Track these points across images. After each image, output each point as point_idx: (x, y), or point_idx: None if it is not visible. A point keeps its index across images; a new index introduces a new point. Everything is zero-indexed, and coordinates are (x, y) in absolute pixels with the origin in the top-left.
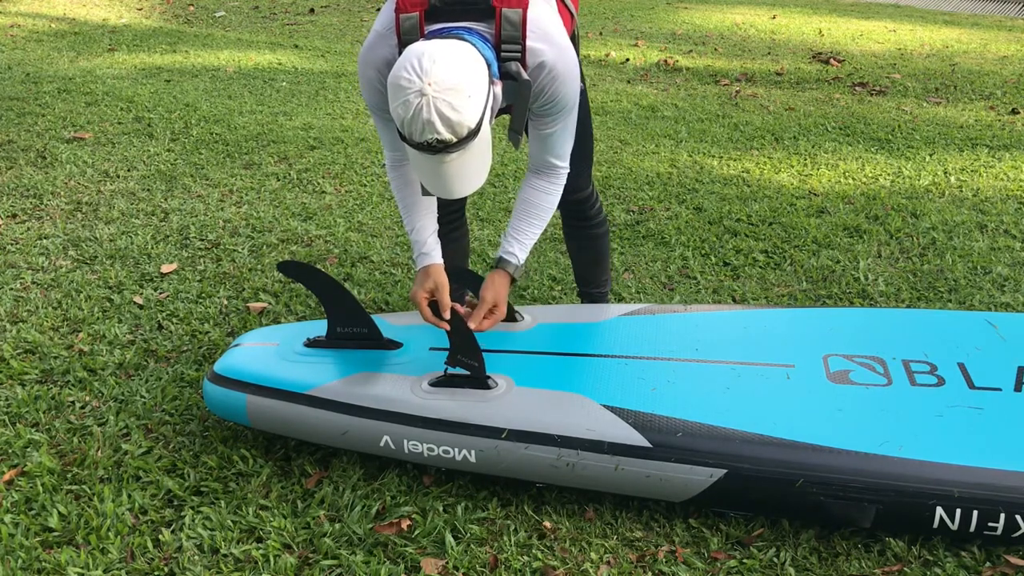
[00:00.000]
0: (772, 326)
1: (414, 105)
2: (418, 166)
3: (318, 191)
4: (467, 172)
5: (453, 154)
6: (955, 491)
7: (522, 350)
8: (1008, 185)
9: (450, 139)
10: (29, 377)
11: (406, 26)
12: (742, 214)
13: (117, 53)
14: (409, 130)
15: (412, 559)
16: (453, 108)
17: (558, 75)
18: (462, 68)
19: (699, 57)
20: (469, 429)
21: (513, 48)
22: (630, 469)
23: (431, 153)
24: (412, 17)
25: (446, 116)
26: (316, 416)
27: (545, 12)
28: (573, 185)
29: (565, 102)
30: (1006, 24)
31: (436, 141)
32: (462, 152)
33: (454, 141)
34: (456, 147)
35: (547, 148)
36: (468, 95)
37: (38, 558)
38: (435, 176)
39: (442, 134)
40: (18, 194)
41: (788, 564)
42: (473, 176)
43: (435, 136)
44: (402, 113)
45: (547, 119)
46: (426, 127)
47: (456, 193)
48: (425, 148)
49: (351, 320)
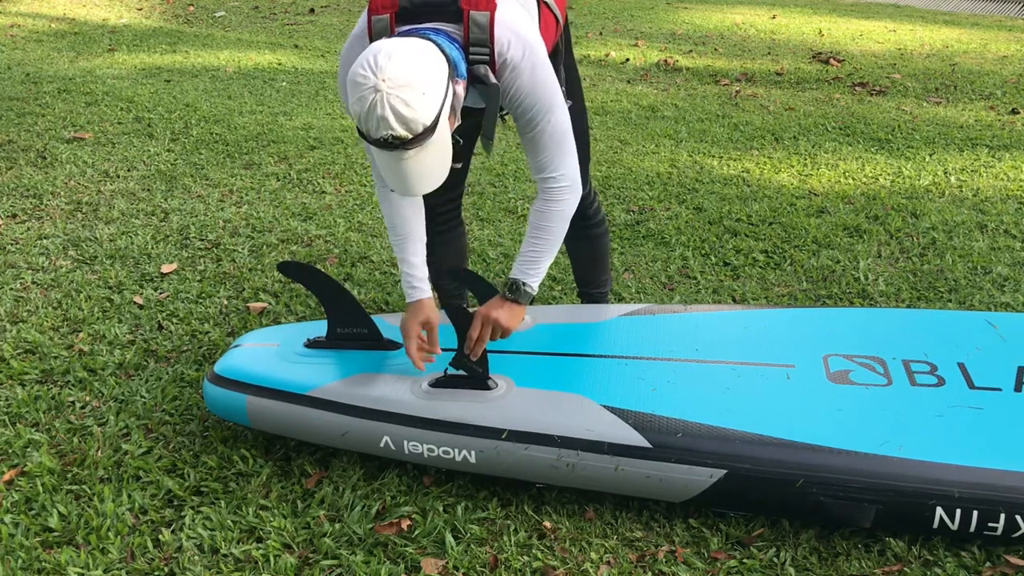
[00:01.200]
0: (772, 326)
1: (368, 101)
2: (379, 162)
3: (318, 191)
4: (426, 170)
5: (411, 151)
6: (955, 491)
7: (522, 350)
8: (1008, 185)
9: (405, 135)
10: (29, 377)
11: (377, 27)
12: (742, 214)
13: (117, 53)
14: (366, 126)
15: (412, 559)
16: (407, 104)
17: (523, 71)
18: (417, 65)
19: (699, 57)
20: (469, 430)
21: (481, 51)
22: (630, 469)
23: (389, 150)
24: (383, 19)
25: (400, 112)
26: (316, 417)
27: (513, 11)
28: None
29: (534, 100)
30: (1006, 24)
31: (391, 137)
32: (419, 149)
33: (409, 138)
34: (412, 144)
35: (536, 157)
36: (422, 92)
37: (38, 558)
38: (395, 173)
39: (396, 130)
40: (18, 194)
41: (788, 564)
42: (432, 174)
43: (389, 132)
44: (358, 109)
45: (524, 121)
46: (380, 123)
47: (416, 191)
48: (382, 145)
49: (351, 321)
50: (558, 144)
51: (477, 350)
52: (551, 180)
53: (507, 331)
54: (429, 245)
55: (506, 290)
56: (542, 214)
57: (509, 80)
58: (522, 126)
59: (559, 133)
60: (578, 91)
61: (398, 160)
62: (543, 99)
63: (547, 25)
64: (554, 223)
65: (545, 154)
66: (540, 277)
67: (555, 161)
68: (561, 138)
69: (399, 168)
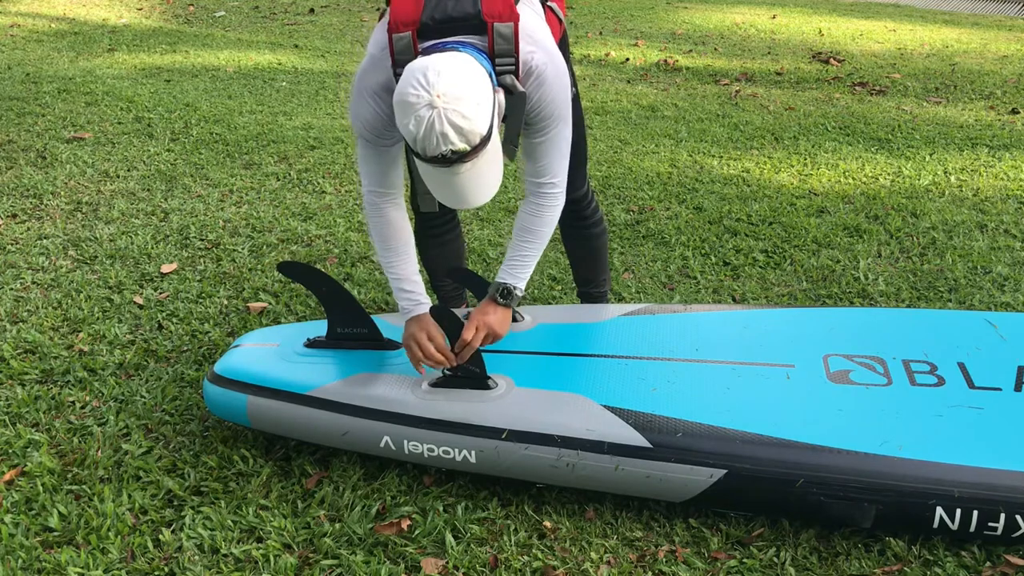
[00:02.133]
0: (772, 326)
1: (426, 119)
2: (431, 180)
3: (318, 191)
4: (482, 180)
5: (467, 164)
6: (955, 491)
7: (522, 350)
8: (1008, 185)
9: (464, 148)
10: (29, 377)
11: (399, 46)
12: (742, 214)
13: (117, 53)
14: (423, 145)
15: (412, 559)
16: (464, 117)
17: (545, 80)
18: (467, 77)
19: (699, 57)
20: (469, 430)
21: (507, 62)
22: (630, 469)
23: (446, 166)
24: (404, 37)
25: (458, 125)
26: (316, 417)
27: (533, 21)
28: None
29: (553, 109)
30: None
31: (451, 152)
32: (475, 161)
33: (468, 150)
34: (469, 156)
35: (537, 162)
36: (476, 102)
37: (38, 558)
38: (449, 188)
39: (456, 144)
40: (18, 194)
41: (788, 564)
42: (488, 184)
43: (450, 147)
44: (414, 130)
45: (536, 127)
46: (440, 139)
47: (473, 203)
48: (439, 161)
49: (351, 320)
50: (561, 153)
51: (465, 354)
52: (548, 186)
53: (498, 336)
54: (427, 248)
55: (497, 295)
56: (534, 217)
57: (533, 88)
58: (533, 131)
59: (564, 142)
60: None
61: (454, 175)
62: (559, 108)
63: (552, 28)
64: (545, 227)
65: (547, 160)
66: (527, 279)
67: (554, 167)
68: (564, 147)
69: (454, 183)
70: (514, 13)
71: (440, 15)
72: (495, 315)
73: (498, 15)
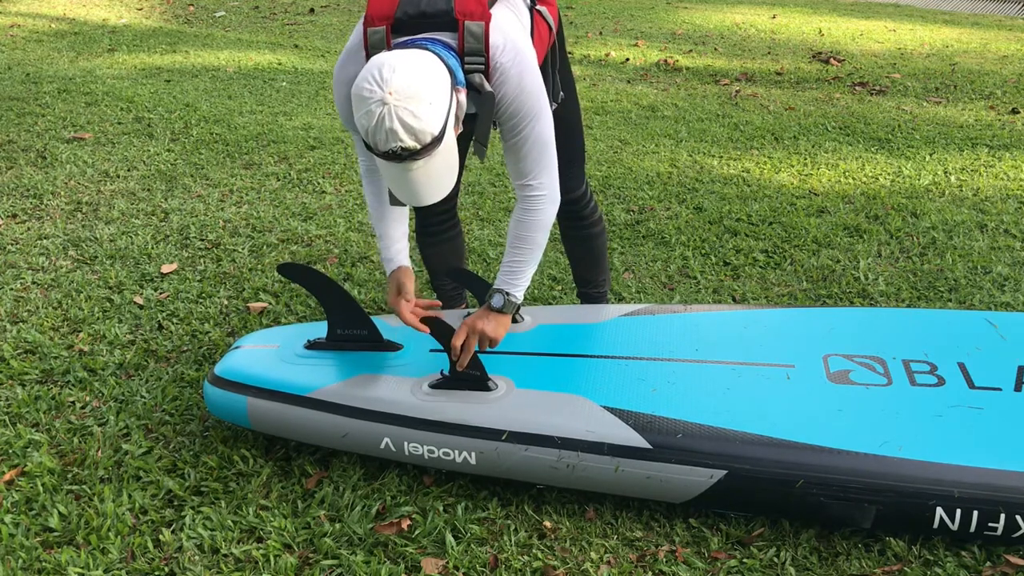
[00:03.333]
0: (772, 326)
1: (376, 114)
2: (386, 174)
3: (318, 191)
4: (433, 179)
5: (418, 161)
6: (955, 491)
7: (522, 351)
8: (1008, 184)
9: (413, 146)
10: (29, 377)
11: (373, 40)
12: (742, 214)
13: (117, 53)
14: (374, 139)
15: (412, 559)
16: (414, 115)
17: (510, 78)
18: (421, 76)
19: (699, 57)
20: (469, 431)
21: (476, 60)
22: (630, 471)
23: (396, 161)
24: (379, 31)
25: (408, 124)
26: (317, 418)
27: (508, 21)
28: (565, 186)
29: (521, 105)
30: (1006, 24)
31: (400, 149)
32: (427, 159)
33: (418, 148)
34: (420, 154)
35: (516, 165)
36: (429, 102)
37: (38, 558)
38: (402, 184)
39: (405, 142)
40: (18, 194)
41: (788, 564)
42: (440, 183)
43: (398, 144)
44: (365, 123)
45: (509, 127)
46: (389, 135)
47: (424, 200)
48: (390, 157)
49: (351, 322)
50: (540, 152)
51: (463, 360)
52: (530, 188)
53: (494, 341)
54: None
55: (491, 301)
56: (521, 223)
57: (499, 85)
58: (506, 131)
59: (542, 142)
60: (572, 94)
61: (406, 171)
62: (529, 106)
63: (540, 33)
64: (534, 232)
65: (526, 161)
66: (525, 286)
67: (535, 169)
68: (544, 147)
69: (407, 179)
70: (486, 12)
71: (413, 11)
72: (488, 321)
73: (470, 13)
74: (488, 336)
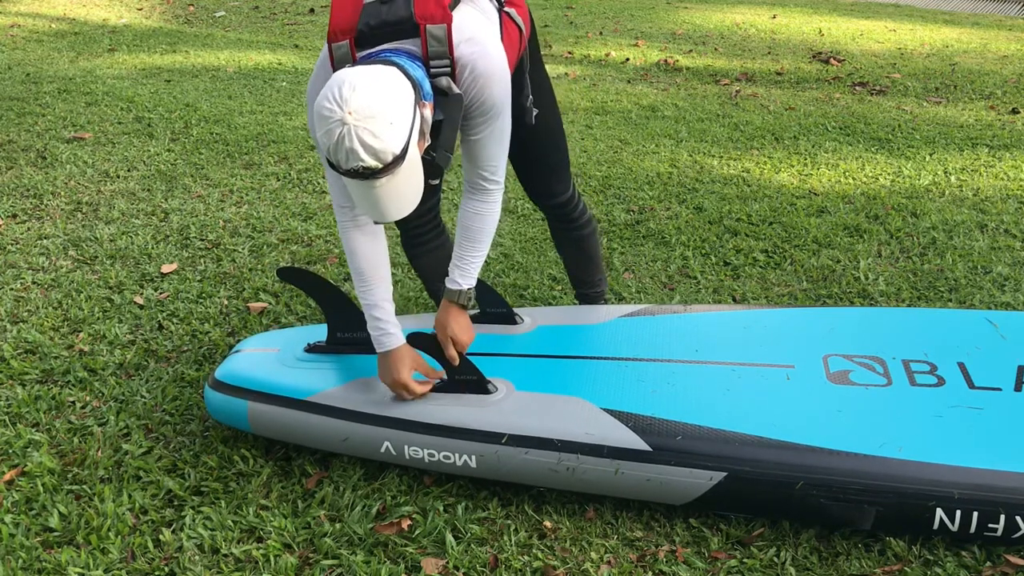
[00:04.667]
0: (772, 326)
1: (336, 134)
2: (352, 191)
3: (318, 191)
4: (398, 195)
5: (382, 179)
6: (955, 492)
7: (522, 353)
8: (1008, 184)
9: (375, 165)
10: (29, 377)
11: (338, 55)
12: (742, 214)
13: (117, 53)
14: (335, 159)
15: (412, 559)
16: (374, 136)
17: (479, 75)
18: (382, 94)
19: (699, 57)
20: (469, 434)
21: (441, 64)
22: (630, 473)
23: (360, 179)
24: (343, 46)
25: (368, 144)
26: (317, 422)
27: (470, 18)
28: (552, 190)
29: (490, 104)
30: (1006, 24)
31: (361, 168)
32: (391, 177)
33: (379, 168)
34: (382, 173)
35: (476, 159)
36: (390, 122)
37: (39, 558)
38: (368, 201)
39: (366, 161)
40: (18, 194)
41: (788, 564)
42: (405, 198)
43: (359, 164)
44: (326, 141)
45: (473, 122)
46: (350, 155)
47: (390, 216)
48: (353, 175)
49: (351, 325)
50: (501, 147)
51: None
52: (487, 181)
53: (464, 343)
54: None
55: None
56: (478, 216)
57: (467, 81)
58: (471, 128)
59: (503, 136)
60: (551, 99)
61: (370, 188)
62: (497, 101)
63: (510, 36)
64: (489, 225)
65: (486, 156)
66: (476, 277)
67: (494, 163)
68: (502, 140)
69: (372, 196)
70: (447, 14)
71: (375, 21)
72: (455, 324)
73: (430, 16)
74: (459, 339)
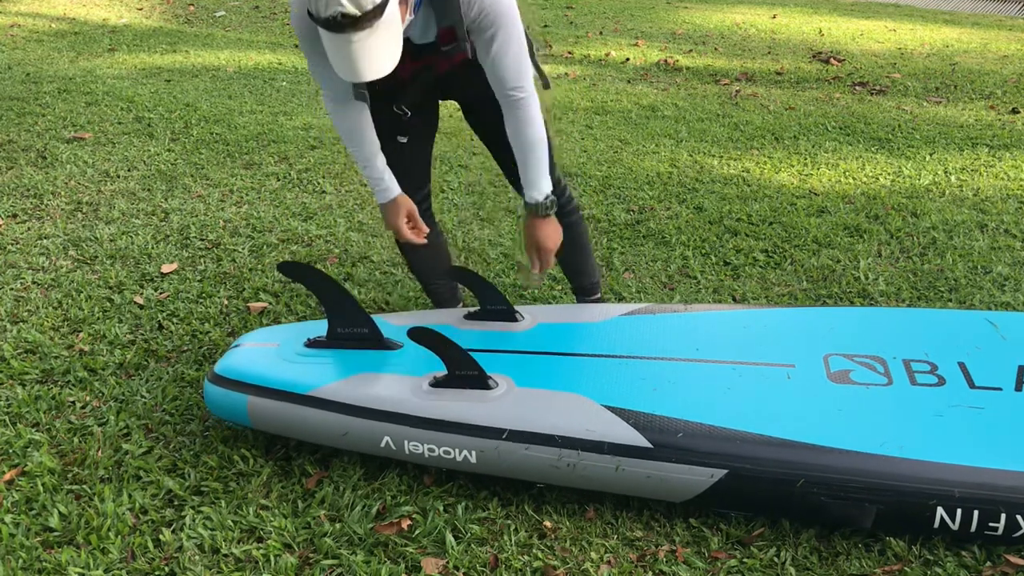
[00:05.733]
0: (772, 326)
1: None
2: (328, 47)
3: (318, 191)
4: (374, 54)
5: (360, 33)
6: (955, 491)
7: (522, 350)
8: (1008, 184)
9: (353, 12)
10: (29, 377)
11: None
12: (742, 214)
13: (117, 53)
14: (316, 5)
15: (412, 559)
16: None
17: None
18: None
19: (699, 57)
20: (469, 430)
21: None
22: (631, 470)
23: (338, 31)
24: None
25: None
26: (317, 417)
27: None
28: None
29: (496, 13)
30: (1006, 24)
31: (340, 15)
32: (369, 31)
33: (358, 16)
34: (361, 24)
35: (498, 75)
36: None
37: (39, 558)
38: (342, 56)
39: (345, 7)
40: (18, 194)
41: (788, 563)
42: (381, 59)
43: (338, 9)
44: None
45: (483, 36)
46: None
47: (364, 75)
48: (332, 25)
49: (351, 321)
50: (518, 56)
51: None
52: (520, 91)
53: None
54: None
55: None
56: (522, 126)
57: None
58: (483, 44)
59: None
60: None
61: (347, 43)
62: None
63: None
64: (535, 130)
65: (510, 71)
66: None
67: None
68: (521, 50)
69: (348, 52)
70: None
71: None
72: (540, 232)
73: None
74: (545, 246)
